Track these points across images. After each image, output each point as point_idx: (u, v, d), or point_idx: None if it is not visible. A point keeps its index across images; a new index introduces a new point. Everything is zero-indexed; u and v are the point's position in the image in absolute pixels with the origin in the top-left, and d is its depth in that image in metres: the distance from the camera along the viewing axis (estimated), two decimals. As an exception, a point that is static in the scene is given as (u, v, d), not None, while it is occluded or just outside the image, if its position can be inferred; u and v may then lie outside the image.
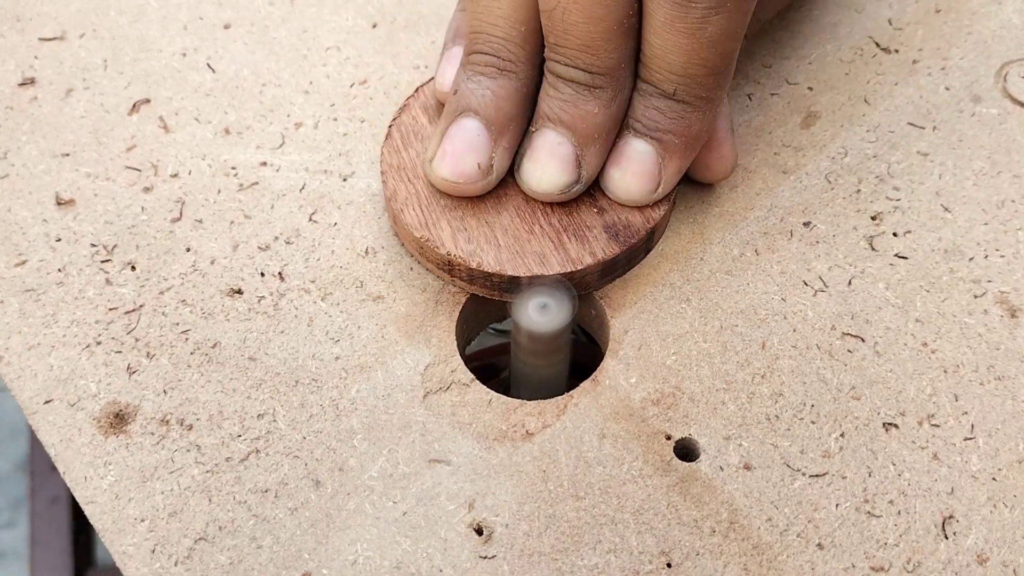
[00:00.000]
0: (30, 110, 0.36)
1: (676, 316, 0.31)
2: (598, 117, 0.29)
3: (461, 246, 0.30)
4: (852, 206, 0.33)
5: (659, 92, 0.29)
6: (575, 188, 0.30)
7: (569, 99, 0.29)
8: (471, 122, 0.30)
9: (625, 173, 0.30)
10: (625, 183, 0.30)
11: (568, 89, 0.29)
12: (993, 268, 0.32)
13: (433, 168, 0.31)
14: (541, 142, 0.30)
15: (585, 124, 0.29)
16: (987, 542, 0.28)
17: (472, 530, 0.28)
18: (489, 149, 0.30)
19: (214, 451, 0.29)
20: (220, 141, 0.35)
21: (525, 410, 0.30)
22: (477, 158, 0.30)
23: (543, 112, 0.30)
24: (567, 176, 0.30)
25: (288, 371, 0.30)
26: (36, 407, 0.30)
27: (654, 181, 0.30)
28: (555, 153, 0.30)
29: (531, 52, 0.30)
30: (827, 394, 0.30)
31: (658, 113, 0.30)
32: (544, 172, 0.30)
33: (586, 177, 0.30)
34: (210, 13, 0.38)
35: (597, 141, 0.30)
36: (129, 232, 0.33)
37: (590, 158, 0.30)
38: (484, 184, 0.31)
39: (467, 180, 0.30)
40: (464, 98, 0.30)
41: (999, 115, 0.35)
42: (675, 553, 0.28)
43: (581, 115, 0.29)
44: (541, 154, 0.30)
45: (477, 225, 0.31)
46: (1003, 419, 0.30)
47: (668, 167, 0.30)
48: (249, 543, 0.28)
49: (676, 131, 0.30)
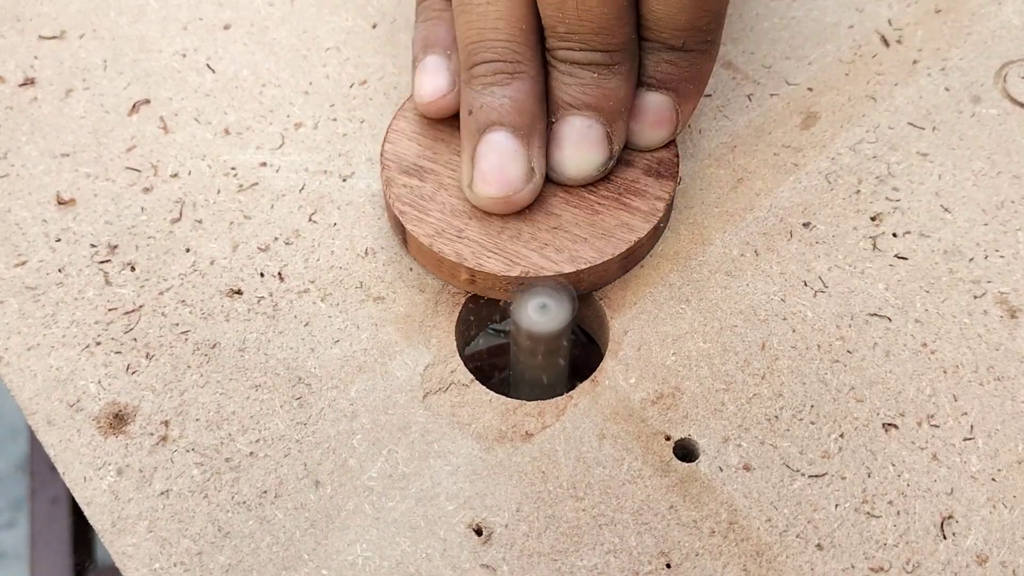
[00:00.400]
0: (30, 110, 0.36)
1: (676, 316, 0.31)
2: (621, 91, 0.30)
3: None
4: (852, 206, 0.33)
5: (667, 47, 0.30)
6: (610, 163, 0.31)
7: (591, 82, 0.30)
8: (499, 135, 0.30)
9: (644, 125, 0.31)
10: (645, 134, 0.31)
11: (587, 73, 0.30)
12: (993, 269, 0.32)
13: (476, 191, 0.30)
14: (568, 130, 0.30)
15: (611, 102, 0.30)
16: (986, 542, 0.28)
17: (471, 530, 0.28)
18: (526, 155, 0.30)
19: (213, 451, 0.29)
20: (220, 141, 0.35)
21: (525, 411, 0.30)
22: (517, 167, 0.30)
23: (563, 101, 0.30)
24: (602, 155, 0.31)
25: (287, 371, 0.30)
26: (36, 407, 0.30)
27: (672, 125, 0.32)
28: (586, 137, 0.30)
29: (534, 48, 0.30)
30: (827, 395, 0.30)
31: (669, 65, 0.31)
32: (580, 157, 0.30)
33: (617, 151, 0.31)
34: (210, 13, 0.38)
35: (623, 115, 0.31)
36: (129, 232, 0.33)
37: (619, 132, 0.31)
38: (531, 190, 0.30)
39: (514, 191, 0.30)
40: (484, 113, 0.30)
41: (999, 115, 0.35)
42: (674, 554, 0.28)
43: (606, 94, 0.30)
44: (572, 141, 0.30)
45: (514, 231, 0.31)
46: (1003, 419, 0.30)
47: (684, 110, 0.32)
48: (248, 543, 0.28)
49: (689, 77, 0.31)
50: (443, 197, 0.31)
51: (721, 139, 0.35)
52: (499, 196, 0.30)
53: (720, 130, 0.35)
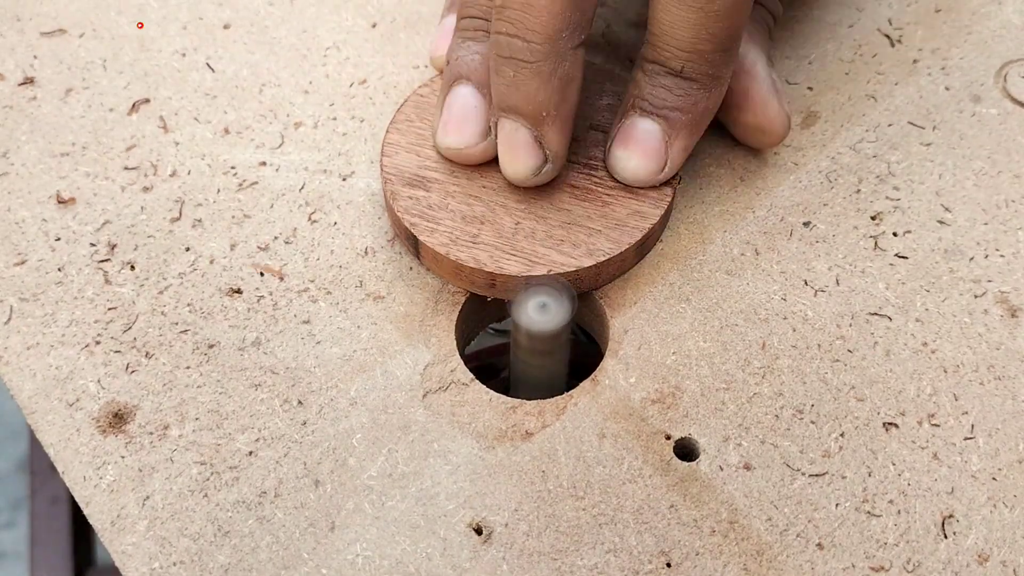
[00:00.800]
0: (30, 110, 0.36)
1: (676, 316, 0.31)
2: (540, 94, 0.29)
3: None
4: (852, 206, 0.33)
5: (666, 70, 0.29)
6: (546, 168, 0.30)
7: (510, 82, 0.29)
8: (465, 88, 0.30)
9: (631, 153, 0.30)
10: (632, 164, 0.31)
11: (509, 71, 0.29)
12: (993, 268, 0.32)
13: (438, 140, 0.31)
14: (501, 133, 0.30)
15: (531, 106, 0.29)
16: (987, 542, 0.28)
17: (472, 530, 0.28)
18: (485, 112, 0.30)
19: (213, 451, 0.29)
20: (220, 141, 0.35)
21: (524, 410, 0.30)
22: (475, 123, 0.30)
23: (496, 101, 0.30)
24: (533, 160, 0.30)
25: (287, 371, 0.30)
26: (35, 407, 0.30)
27: (660, 160, 0.30)
28: (514, 141, 0.30)
29: None
30: (827, 394, 0.30)
31: (664, 91, 0.30)
32: (510, 162, 0.30)
33: (553, 155, 0.30)
34: (209, 13, 0.38)
35: (548, 119, 0.29)
36: (128, 232, 0.33)
37: (550, 137, 0.30)
38: (485, 146, 0.31)
39: (467, 145, 0.31)
40: (456, 66, 0.31)
41: (999, 115, 0.35)
42: (675, 553, 0.28)
43: (524, 96, 0.29)
44: (504, 144, 0.30)
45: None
46: (1003, 419, 0.30)
47: (674, 145, 0.30)
48: (248, 543, 0.28)
49: (683, 108, 0.30)
50: (453, 205, 0.31)
51: (721, 138, 0.35)
52: (454, 147, 0.31)
53: (720, 129, 0.35)
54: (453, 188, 0.31)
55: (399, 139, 0.32)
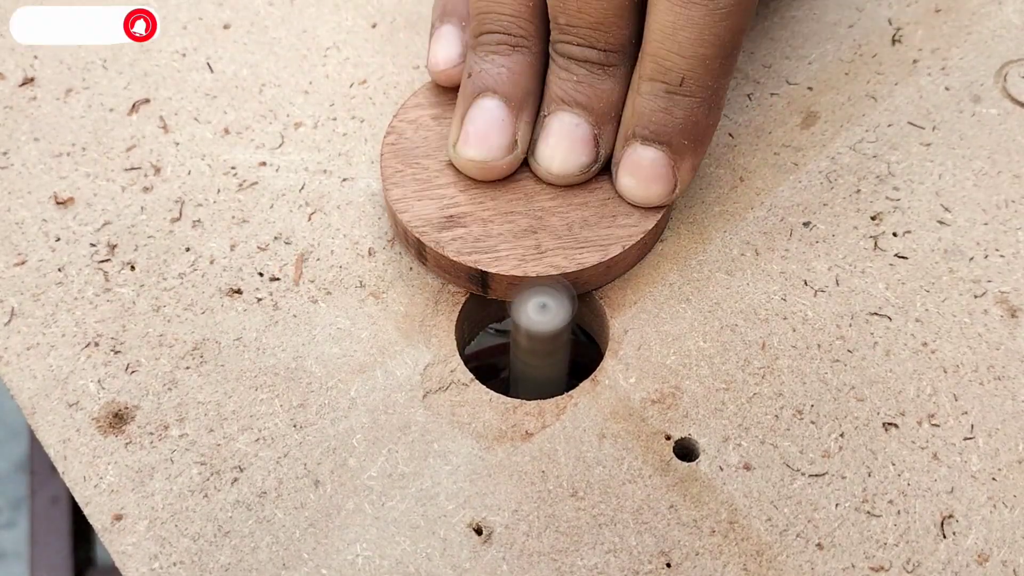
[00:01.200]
0: (30, 110, 0.36)
1: (676, 316, 0.31)
2: (614, 95, 0.30)
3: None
4: (852, 206, 0.33)
5: (664, 86, 0.29)
6: (594, 168, 0.31)
7: (584, 79, 0.30)
8: (490, 101, 0.30)
9: (639, 182, 0.30)
10: (642, 190, 0.31)
11: (582, 70, 0.30)
12: (993, 268, 0.32)
13: (458, 152, 0.31)
14: (557, 125, 0.30)
15: (602, 103, 0.30)
16: (987, 542, 0.28)
17: (472, 530, 0.28)
18: (512, 125, 0.30)
19: (213, 451, 0.29)
20: (220, 141, 0.35)
21: (524, 410, 0.30)
22: (501, 135, 0.30)
23: (555, 95, 0.30)
24: (587, 156, 0.30)
25: (287, 371, 0.30)
26: (35, 407, 0.30)
27: (670, 183, 0.31)
28: (573, 135, 0.30)
29: (540, 26, 0.30)
30: (827, 394, 0.30)
31: (665, 115, 0.29)
32: (564, 154, 0.30)
33: (603, 156, 0.31)
34: (209, 13, 0.38)
35: (613, 119, 0.30)
36: (128, 232, 0.33)
37: (607, 136, 0.30)
38: (512, 160, 0.31)
39: (495, 158, 0.31)
40: (480, 79, 0.30)
41: (999, 115, 0.35)
42: (675, 553, 0.28)
43: (597, 94, 0.30)
44: (559, 137, 0.30)
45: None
46: (1003, 419, 0.30)
47: (682, 168, 0.30)
48: (248, 543, 0.28)
49: (684, 131, 0.30)
50: (496, 228, 0.31)
51: (721, 138, 0.35)
52: (479, 160, 0.31)
53: (720, 129, 0.35)
54: (487, 213, 0.31)
55: (403, 192, 0.31)
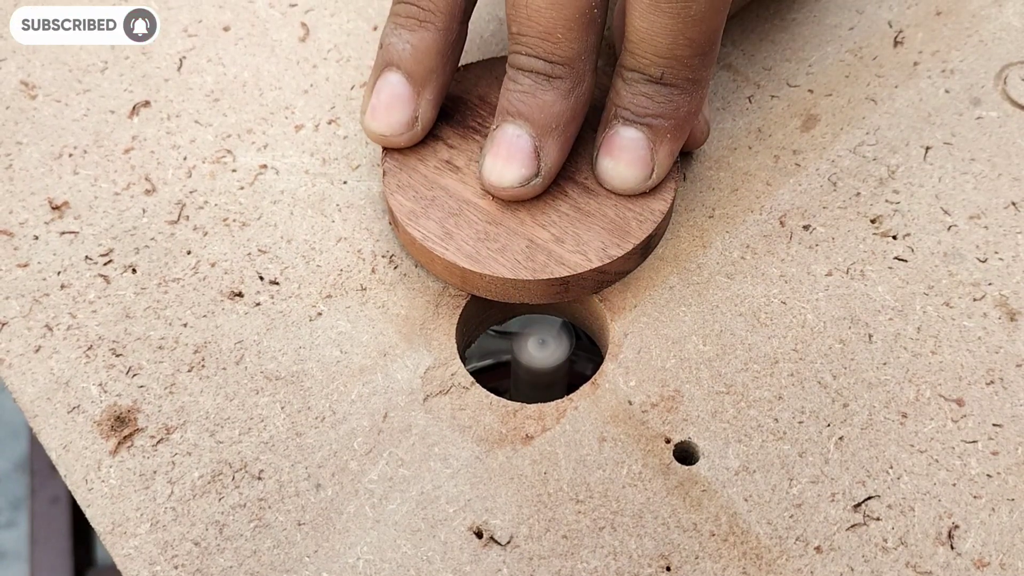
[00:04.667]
0: (30, 112, 0.36)
1: (676, 319, 0.31)
2: (555, 107, 0.29)
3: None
4: (852, 209, 0.34)
5: (645, 77, 0.29)
6: (534, 182, 0.30)
7: (528, 90, 0.30)
8: (394, 76, 0.31)
9: (618, 162, 0.31)
10: (619, 172, 0.31)
11: (527, 80, 0.30)
12: (993, 271, 0.32)
13: (365, 123, 0.32)
14: (499, 136, 0.30)
15: (542, 114, 0.30)
16: (986, 545, 0.28)
17: (472, 533, 0.28)
18: (413, 102, 0.31)
19: (214, 454, 0.29)
20: (220, 143, 0.35)
21: (525, 413, 0.30)
22: (402, 112, 0.31)
23: (501, 106, 0.30)
24: (526, 169, 0.30)
25: (288, 374, 0.30)
26: (37, 410, 0.30)
27: (647, 167, 0.31)
28: (514, 146, 0.30)
29: (453, 5, 0.30)
30: (826, 397, 0.30)
31: (646, 99, 0.30)
32: (503, 166, 0.30)
33: (546, 170, 0.30)
34: (210, 15, 0.38)
35: (555, 132, 0.30)
36: (129, 235, 0.33)
37: (549, 150, 0.30)
38: (410, 136, 0.32)
39: (394, 133, 0.31)
40: (387, 52, 0.31)
41: (999, 118, 0.35)
42: (674, 557, 0.28)
43: (540, 106, 0.30)
44: (500, 148, 0.30)
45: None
46: (1003, 422, 0.30)
47: (660, 152, 0.30)
48: (249, 546, 0.28)
49: (665, 115, 0.30)
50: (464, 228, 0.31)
51: (721, 141, 0.35)
52: (379, 133, 0.31)
53: (720, 132, 0.35)
54: (488, 215, 0.31)
55: (404, 195, 0.32)
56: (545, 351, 0.29)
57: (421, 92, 0.31)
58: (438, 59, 0.31)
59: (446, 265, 0.31)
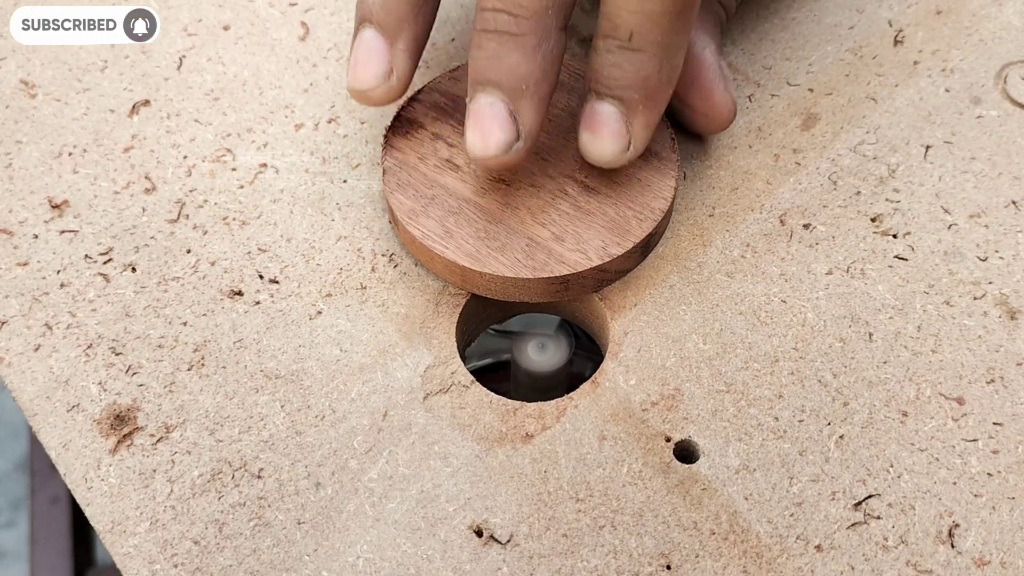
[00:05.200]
0: (30, 110, 0.36)
1: (676, 318, 0.31)
2: (521, 68, 0.29)
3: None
4: (852, 208, 0.33)
5: (616, 42, 0.29)
6: (516, 146, 0.30)
7: (493, 54, 0.29)
8: (368, 31, 0.31)
9: (595, 136, 0.30)
10: (596, 145, 0.30)
11: (492, 44, 0.29)
12: (993, 270, 0.32)
13: (347, 84, 0.31)
14: (474, 107, 0.30)
15: (511, 76, 0.29)
16: (987, 544, 0.28)
17: (472, 532, 0.28)
18: (387, 54, 0.31)
19: (214, 453, 0.29)
20: (220, 142, 0.35)
21: (525, 412, 0.30)
22: (377, 64, 0.31)
23: (471, 77, 0.30)
24: (504, 135, 0.29)
25: (288, 372, 0.30)
26: (37, 409, 0.30)
27: (623, 139, 0.30)
28: (488, 115, 0.29)
29: None
30: (826, 396, 0.30)
31: (616, 69, 0.29)
32: (482, 135, 0.29)
33: (525, 132, 0.30)
34: (210, 14, 0.38)
35: (527, 93, 0.29)
36: (129, 234, 0.33)
37: (525, 113, 0.29)
38: (387, 88, 0.31)
39: (370, 87, 0.31)
40: (360, 7, 0.31)
41: (999, 117, 0.35)
42: (675, 555, 0.28)
43: (507, 68, 0.29)
44: (476, 120, 0.29)
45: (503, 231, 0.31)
46: (1003, 421, 0.30)
47: (634, 124, 0.30)
48: (249, 545, 0.28)
49: (635, 85, 0.29)
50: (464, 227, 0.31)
51: (721, 140, 0.35)
52: (355, 89, 0.31)
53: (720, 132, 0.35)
54: (488, 213, 0.31)
55: (404, 194, 0.32)
56: (545, 355, 0.28)
57: (394, 43, 0.31)
58: (408, 7, 0.31)
59: (446, 264, 0.31)
